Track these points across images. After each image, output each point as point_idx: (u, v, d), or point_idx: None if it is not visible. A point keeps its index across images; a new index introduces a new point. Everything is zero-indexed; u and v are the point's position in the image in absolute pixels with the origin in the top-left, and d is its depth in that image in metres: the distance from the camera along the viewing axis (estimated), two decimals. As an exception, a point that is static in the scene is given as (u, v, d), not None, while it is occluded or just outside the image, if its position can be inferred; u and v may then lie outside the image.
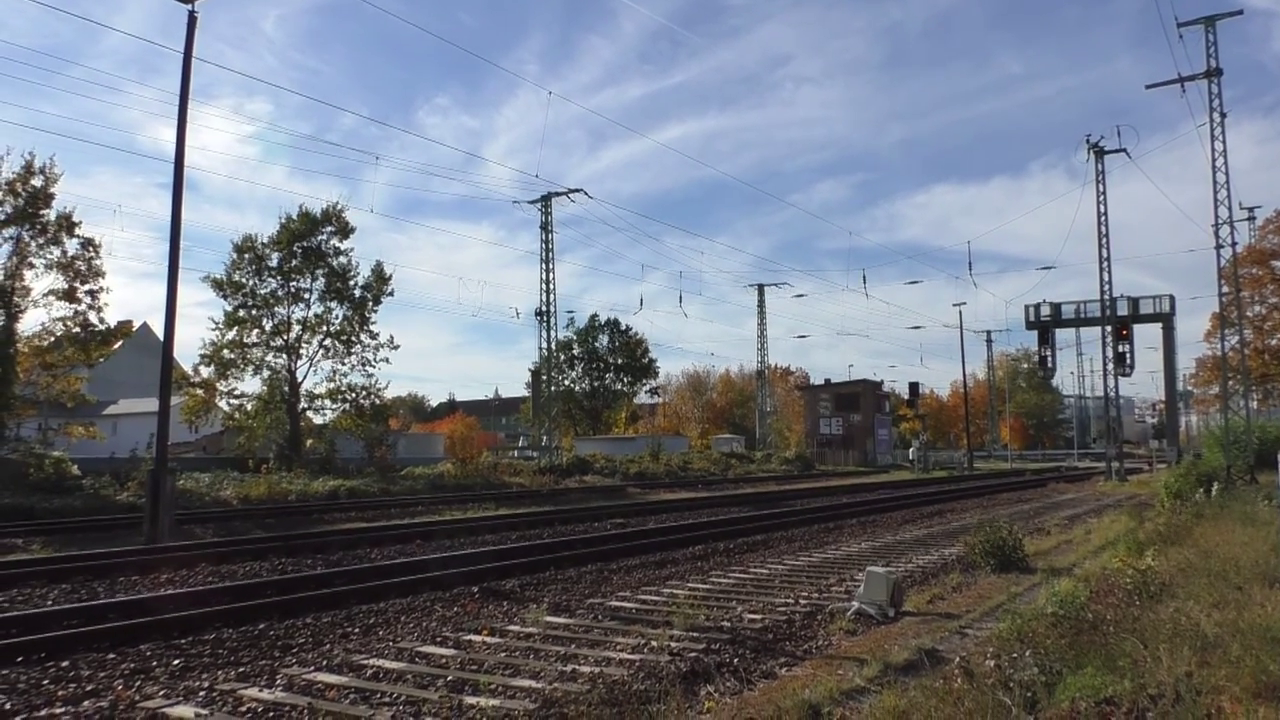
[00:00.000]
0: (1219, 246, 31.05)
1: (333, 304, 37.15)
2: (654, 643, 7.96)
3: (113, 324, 30.46)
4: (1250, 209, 47.41)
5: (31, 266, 27.04)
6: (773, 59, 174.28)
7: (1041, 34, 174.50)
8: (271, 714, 6.04)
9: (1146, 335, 67.89)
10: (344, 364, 37.00)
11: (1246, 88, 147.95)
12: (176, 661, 7.58)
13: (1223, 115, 30.66)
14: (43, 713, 6.11)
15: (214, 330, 35.34)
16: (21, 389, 27.16)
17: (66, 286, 27.43)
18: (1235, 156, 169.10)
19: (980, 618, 9.14)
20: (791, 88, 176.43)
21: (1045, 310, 57.91)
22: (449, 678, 6.87)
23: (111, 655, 7.73)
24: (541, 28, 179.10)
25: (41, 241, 27.02)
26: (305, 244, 36.35)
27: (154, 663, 7.53)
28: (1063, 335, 68.15)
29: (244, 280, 35.70)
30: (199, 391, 35.41)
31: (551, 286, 44.81)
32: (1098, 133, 44.33)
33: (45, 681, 6.90)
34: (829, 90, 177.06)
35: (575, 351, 77.03)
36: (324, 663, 7.44)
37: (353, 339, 37.04)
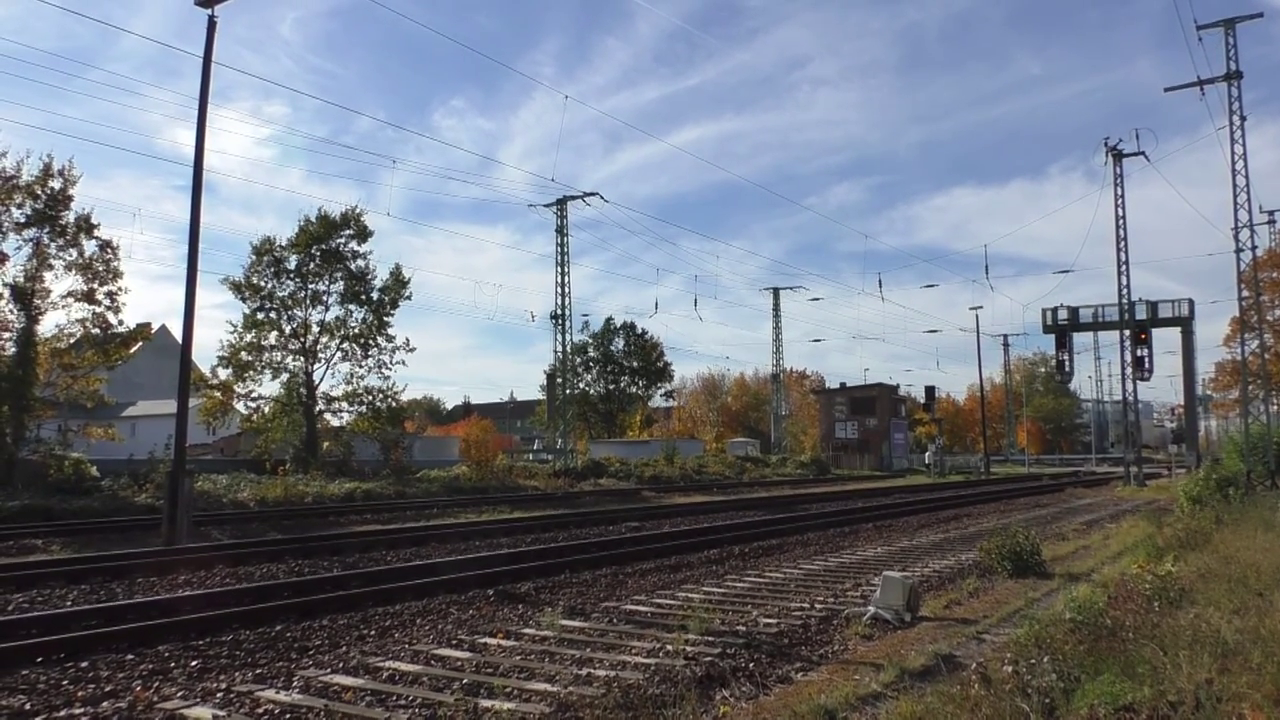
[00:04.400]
0: (1239, 250, 30.73)
1: (351, 307, 37.41)
2: (669, 647, 7.95)
3: (131, 326, 30.75)
4: (1271, 212, 46.89)
5: (51, 268, 27.33)
6: (789, 61, 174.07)
7: (1061, 35, 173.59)
8: (288, 716, 6.07)
9: (1165, 339, 67.53)
10: (361, 366, 37.25)
11: (1267, 90, 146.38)
12: (194, 662, 7.63)
13: (1243, 118, 30.32)
14: (62, 713, 6.16)
15: (232, 333, 35.72)
16: (41, 390, 27.42)
17: (85, 288, 27.68)
18: (1256, 159, 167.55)
19: (998, 623, 9.08)
20: (808, 90, 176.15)
21: (1063, 314, 57.45)
22: (464, 680, 6.88)
23: (130, 656, 7.79)
24: (558, 30, 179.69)
25: (61, 243, 27.31)
26: (324, 247, 36.59)
27: (172, 664, 7.59)
28: (1080, 339, 67.70)
29: (262, 283, 35.98)
30: (217, 393, 35.71)
31: (567, 289, 44.83)
32: (1116, 135, 43.89)
33: (65, 682, 6.96)
34: (846, 92, 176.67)
35: (591, 354, 77.15)
36: (340, 665, 7.47)
37: (370, 342, 37.22)
